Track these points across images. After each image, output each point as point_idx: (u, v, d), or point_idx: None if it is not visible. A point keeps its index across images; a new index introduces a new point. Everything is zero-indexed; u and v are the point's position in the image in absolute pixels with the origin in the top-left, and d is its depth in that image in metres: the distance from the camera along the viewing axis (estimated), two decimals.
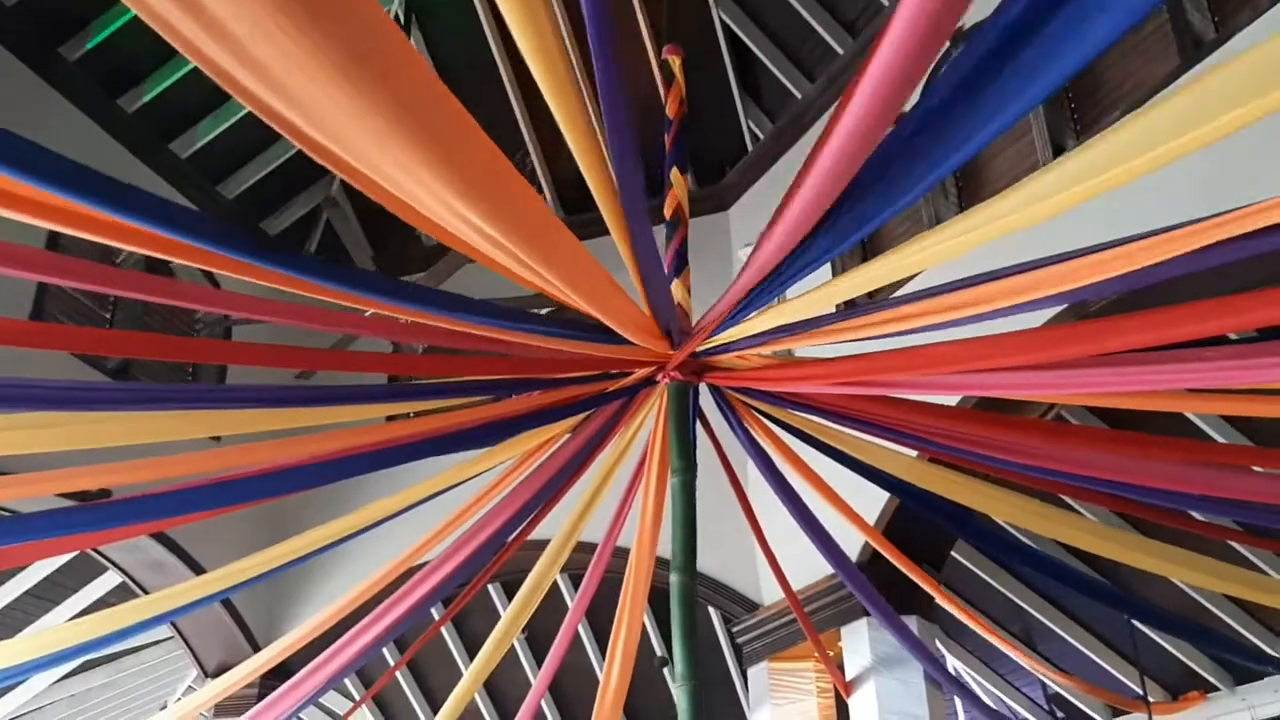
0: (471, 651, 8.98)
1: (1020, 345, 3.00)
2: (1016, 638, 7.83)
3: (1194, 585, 5.19)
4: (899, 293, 4.93)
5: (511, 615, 4.69)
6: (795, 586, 6.43)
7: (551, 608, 5.55)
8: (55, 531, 3.36)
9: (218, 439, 5.98)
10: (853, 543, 6.06)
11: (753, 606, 6.85)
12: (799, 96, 7.47)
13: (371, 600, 4.23)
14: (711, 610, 7.95)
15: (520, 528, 4.19)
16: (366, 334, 3.54)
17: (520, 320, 3.10)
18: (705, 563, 6.70)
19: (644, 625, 6.71)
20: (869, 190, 2.69)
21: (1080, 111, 5.58)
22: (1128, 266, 2.50)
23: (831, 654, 6.29)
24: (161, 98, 7.25)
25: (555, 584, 6.58)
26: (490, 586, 8.81)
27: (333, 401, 3.38)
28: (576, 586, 8.57)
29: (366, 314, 3.20)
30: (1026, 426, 3.83)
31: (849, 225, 2.83)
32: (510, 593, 8.95)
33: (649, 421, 4.04)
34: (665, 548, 4.42)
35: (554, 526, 4.31)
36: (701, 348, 3.58)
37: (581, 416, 3.85)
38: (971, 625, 4.74)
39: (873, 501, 5.60)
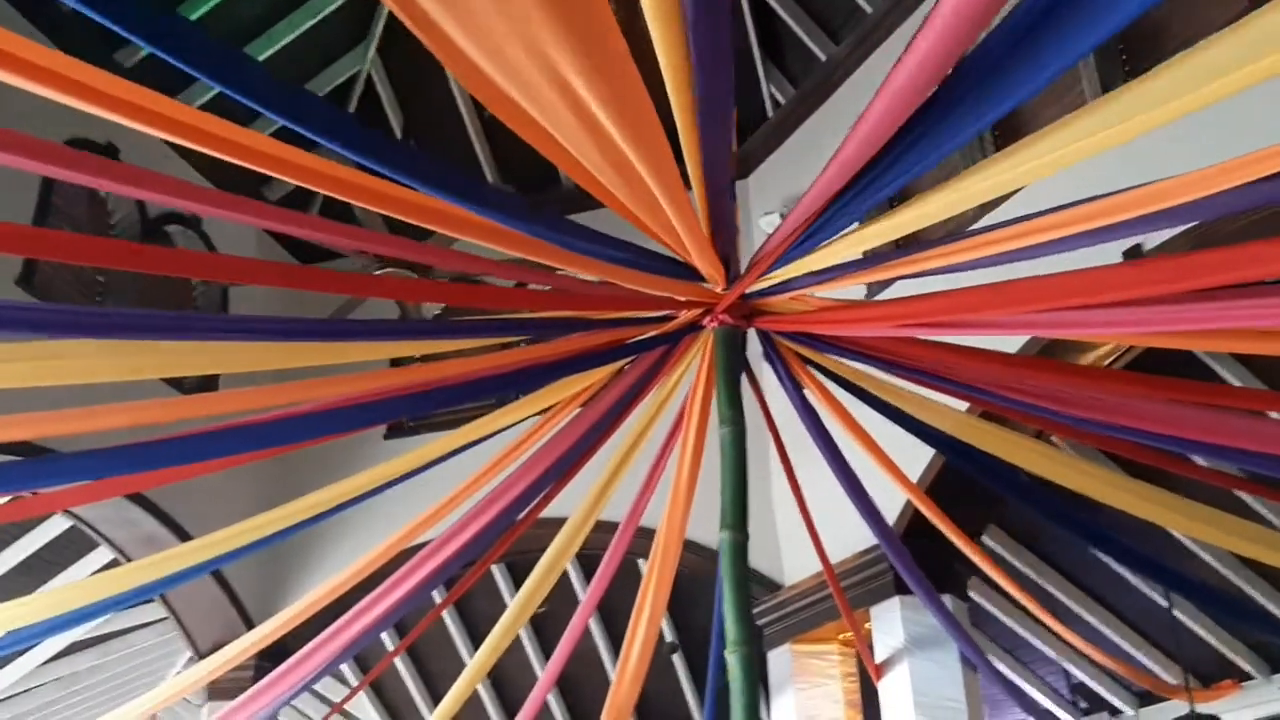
0: (474, 637, 8.69)
1: (1099, 281, 2.73)
2: (1042, 624, 7.58)
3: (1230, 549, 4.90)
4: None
5: (522, 600, 4.38)
6: (819, 566, 6.18)
7: (556, 592, 5.30)
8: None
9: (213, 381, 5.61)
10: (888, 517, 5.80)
11: (774, 587, 6.58)
12: (824, 59, 7.18)
13: (371, 578, 3.94)
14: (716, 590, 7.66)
15: (535, 501, 3.92)
16: (376, 295, 3.25)
17: (561, 230, 2.80)
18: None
19: None
20: (962, 99, 2.41)
21: (1133, 61, 5.31)
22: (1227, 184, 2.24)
23: (849, 635, 6.04)
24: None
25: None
26: (495, 568, 8.53)
27: (338, 336, 3.06)
28: (584, 569, 8.36)
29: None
30: (1093, 376, 3.55)
31: (927, 145, 2.56)
32: (515, 575, 8.73)
33: (686, 378, 3.77)
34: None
35: (565, 505, 4.03)
36: (755, 288, 3.30)
37: (618, 365, 3.57)
38: (1016, 595, 4.46)
39: (911, 471, 5.30)
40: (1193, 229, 4.05)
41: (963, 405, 3.87)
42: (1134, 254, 4.59)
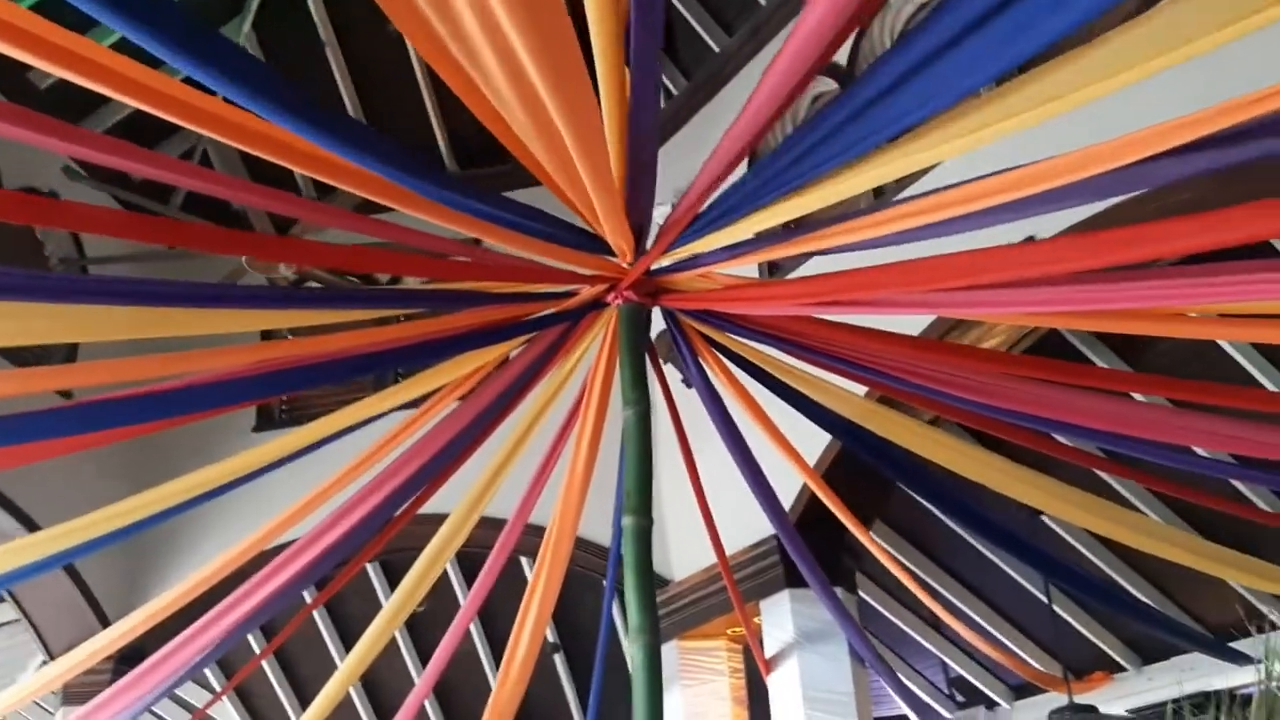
0: (347, 640, 8.36)
1: (998, 260, 2.68)
2: (924, 619, 7.66)
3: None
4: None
5: (398, 601, 4.16)
6: (711, 560, 6.09)
7: (435, 593, 5.10)
8: None
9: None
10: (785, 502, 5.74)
11: (661, 582, 6.47)
12: (717, 50, 7.12)
13: (235, 577, 3.69)
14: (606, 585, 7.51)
15: (414, 496, 3.72)
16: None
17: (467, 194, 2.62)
18: (608, 535, 6.31)
19: None
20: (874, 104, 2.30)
21: None
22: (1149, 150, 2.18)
23: (744, 631, 5.96)
24: None
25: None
26: (369, 567, 8.22)
27: (206, 302, 2.80)
28: (464, 569, 8.11)
29: None
30: (983, 358, 3.51)
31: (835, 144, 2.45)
32: (391, 575, 8.43)
33: (584, 363, 3.63)
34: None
35: (446, 501, 3.84)
36: (660, 264, 3.18)
37: (512, 345, 3.40)
38: (908, 583, 4.44)
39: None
40: (1097, 215, 4.07)
41: (861, 390, 3.81)
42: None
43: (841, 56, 5.82)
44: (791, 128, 5.80)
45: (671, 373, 3.98)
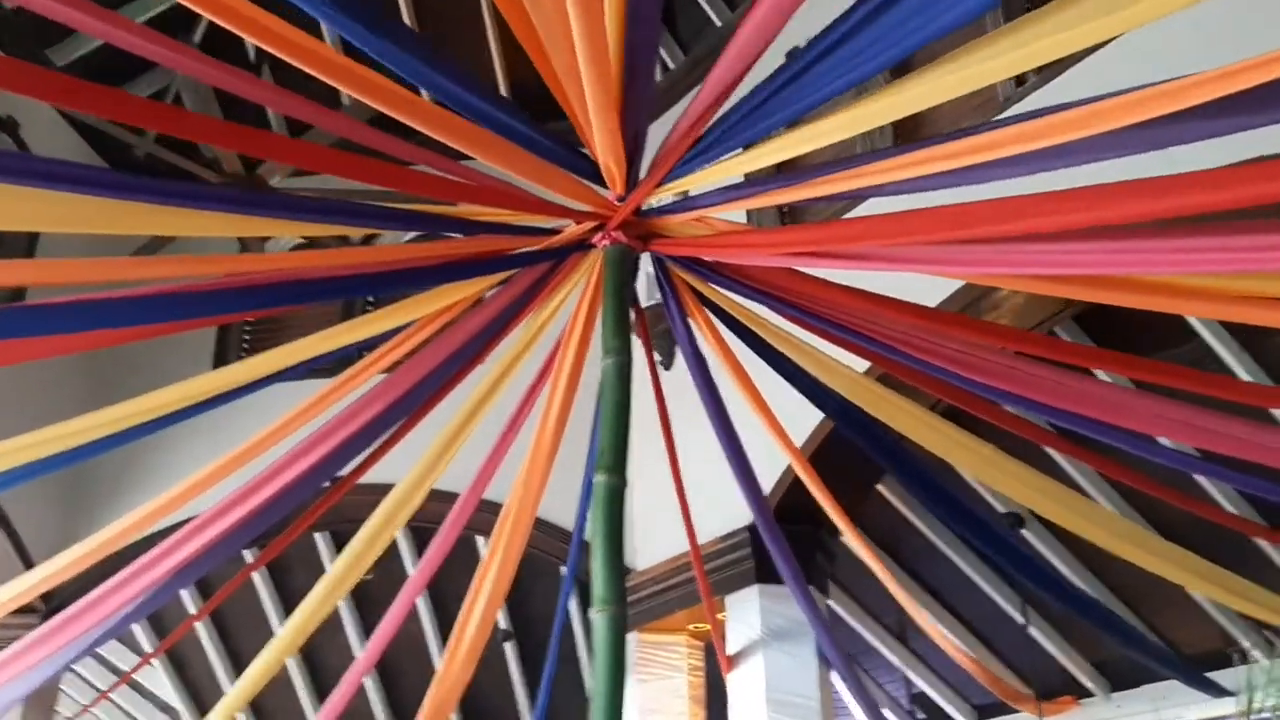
0: (290, 612, 8.01)
1: (1015, 210, 2.41)
2: (890, 631, 7.41)
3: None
4: None
5: (341, 569, 3.86)
6: (676, 550, 5.82)
7: (383, 566, 4.81)
8: None
9: None
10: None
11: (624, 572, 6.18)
12: (719, 24, 6.85)
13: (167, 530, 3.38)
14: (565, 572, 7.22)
15: (367, 451, 3.43)
16: None
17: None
18: (569, 518, 6.04)
19: None
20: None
21: None
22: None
23: (706, 627, 5.69)
24: None
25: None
26: (319, 539, 7.89)
27: (177, 198, 2.51)
28: (417, 542, 7.80)
29: None
30: (1001, 335, 3.23)
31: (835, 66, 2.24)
32: (340, 546, 8.07)
33: (554, 323, 3.35)
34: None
35: (396, 468, 3.55)
36: (654, 201, 2.91)
37: (489, 283, 3.11)
38: (889, 584, 4.19)
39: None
40: None
41: (861, 366, 3.54)
42: None
43: None
44: None
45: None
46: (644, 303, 3.39)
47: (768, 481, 5.29)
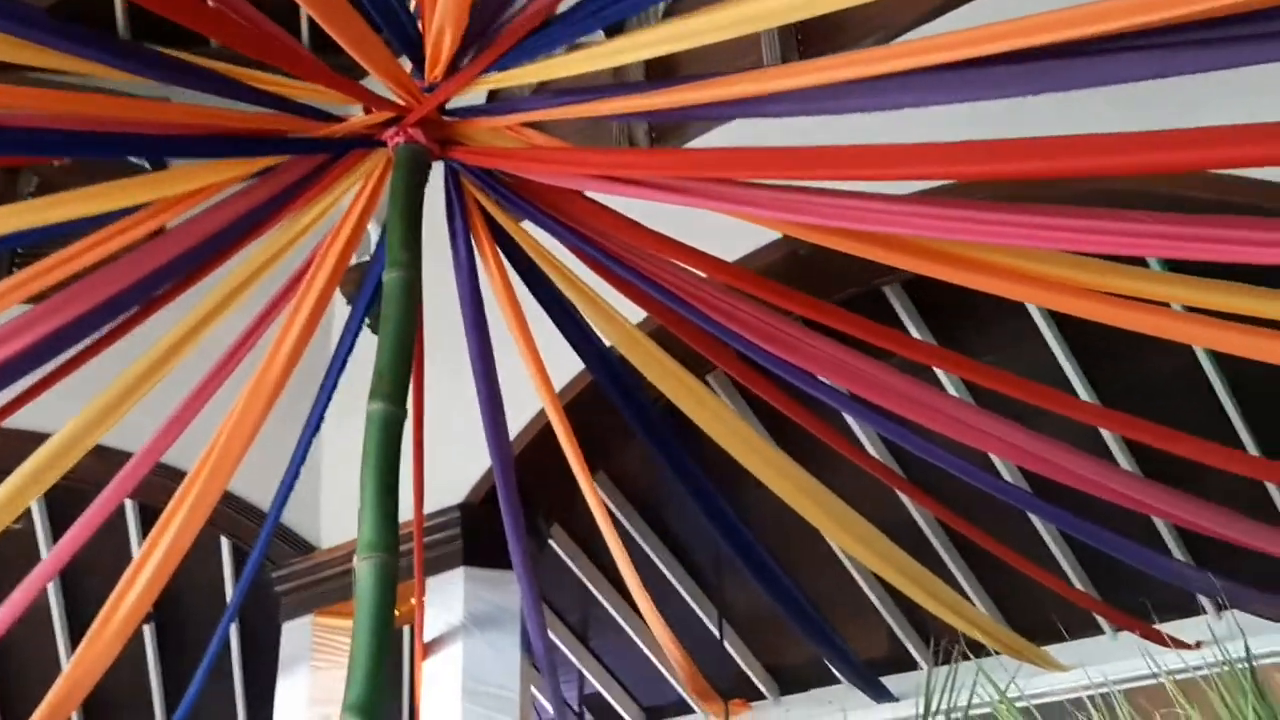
0: None
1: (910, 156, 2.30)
2: (572, 630, 7.21)
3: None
4: None
5: None
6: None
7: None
8: None
9: None
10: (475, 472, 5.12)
11: (307, 548, 5.62)
12: None
13: None
14: (225, 544, 6.51)
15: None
16: None
17: None
18: (250, 488, 5.45)
19: None
20: None
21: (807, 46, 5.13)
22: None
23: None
24: None
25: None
26: None
27: None
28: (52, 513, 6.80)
29: None
30: (809, 306, 3.11)
31: None
32: None
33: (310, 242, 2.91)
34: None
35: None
36: (462, 100, 2.56)
37: (252, 169, 2.63)
38: (622, 564, 4.01)
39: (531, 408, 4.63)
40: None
41: (639, 317, 3.31)
42: None
43: None
44: None
45: None
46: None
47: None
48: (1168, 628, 5.12)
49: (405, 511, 4.26)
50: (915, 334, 5.06)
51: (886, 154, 2.36)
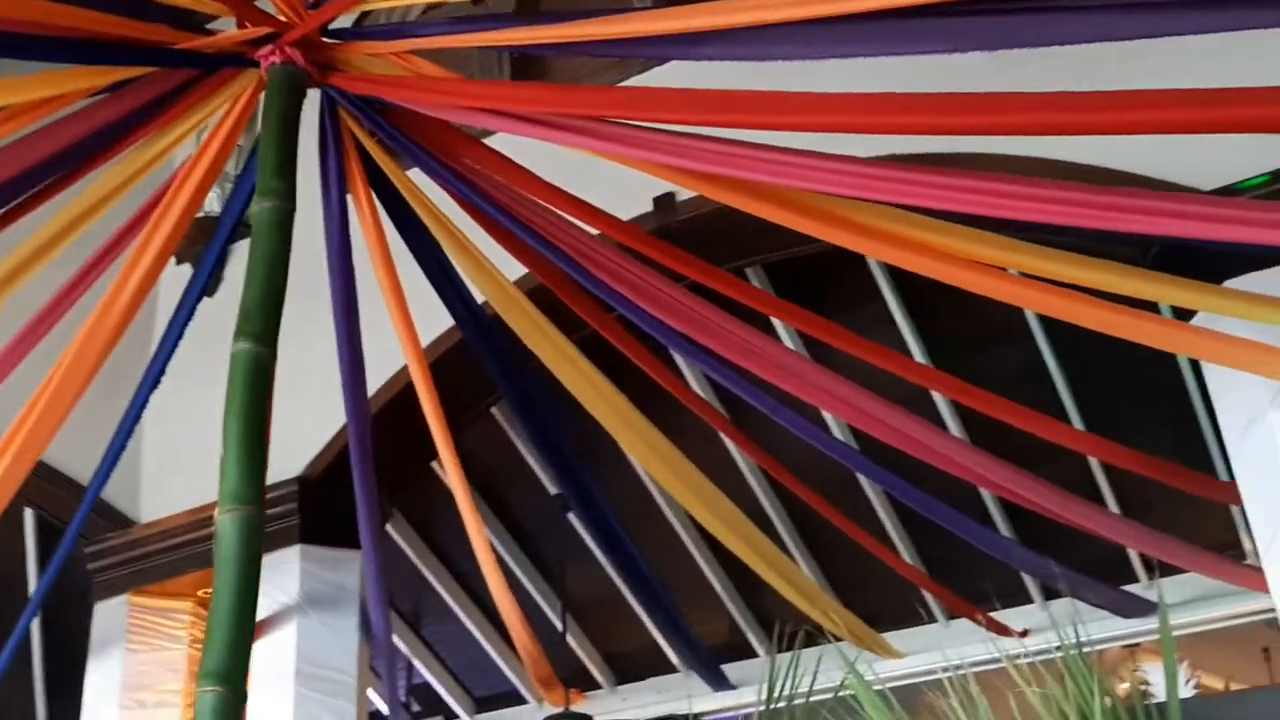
0: None
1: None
2: (404, 617, 6.95)
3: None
4: None
5: None
6: (196, 501, 5.03)
7: None
8: None
9: None
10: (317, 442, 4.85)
11: (125, 523, 5.21)
12: None
13: None
14: (29, 515, 5.98)
15: None
16: None
17: None
18: (68, 457, 5.04)
19: None
20: None
21: None
22: None
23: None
24: None
25: None
26: None
27: None
28: None
29: None
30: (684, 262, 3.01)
31: None
32: None
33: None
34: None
35: None
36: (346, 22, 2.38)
37: (113, 78, 2.36)
38: (478, 546, 3.85)
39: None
40: None
41: (517, 274, 3.16)
42: (664, 201, 4.22)
43: None
44: None
45: None
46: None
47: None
48: (996, 615, 5.29)
49: None
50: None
51: (780, 101, 2.29)
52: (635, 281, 2.81)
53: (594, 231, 2.75)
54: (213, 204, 4.26)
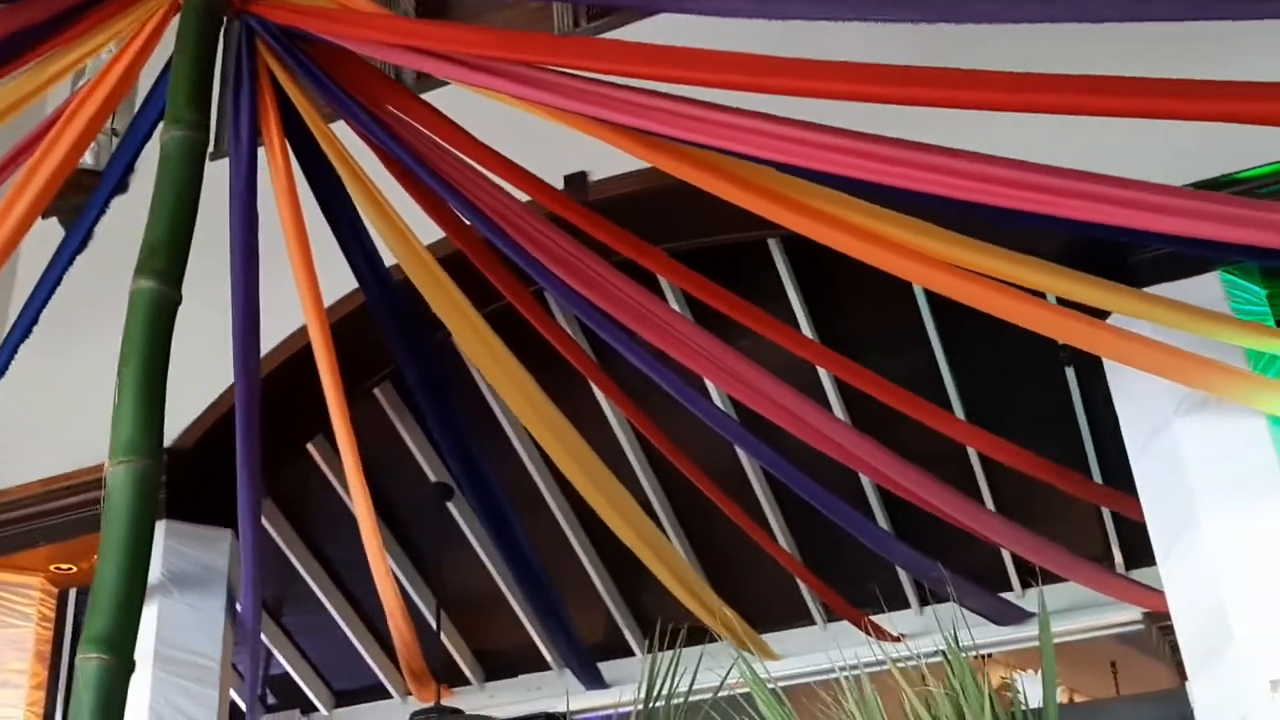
0: None
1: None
2: (264, 605, 6.64)
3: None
4: None
5: None
6: (50, 470, 4.72)
7: None
8: None
9: None
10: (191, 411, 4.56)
11: None
12: None
13: None
14: None
15: None
16: None
17: None
18: None
19: None
20: None
21: None
22: None
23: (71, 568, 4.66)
24: None
25: None
26: None
27: None
28: None
29: None
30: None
31: None
32: None
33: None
34: None
35: None
36: None
37: None
38: (361, 515, 3.67)
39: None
40: None
41: (432, 238, 3.01)
42: (576, 181, 4.10)
43: None
44: None
45: None
46: None
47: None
48: (875, 619, 5.31)
49: (95, 455, 3.77)
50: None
51: (722, 60, 2.21)
52: (561, 254, 2.69)
53: (524, 198, 2.63)
54: (86, 158, 4.00)
